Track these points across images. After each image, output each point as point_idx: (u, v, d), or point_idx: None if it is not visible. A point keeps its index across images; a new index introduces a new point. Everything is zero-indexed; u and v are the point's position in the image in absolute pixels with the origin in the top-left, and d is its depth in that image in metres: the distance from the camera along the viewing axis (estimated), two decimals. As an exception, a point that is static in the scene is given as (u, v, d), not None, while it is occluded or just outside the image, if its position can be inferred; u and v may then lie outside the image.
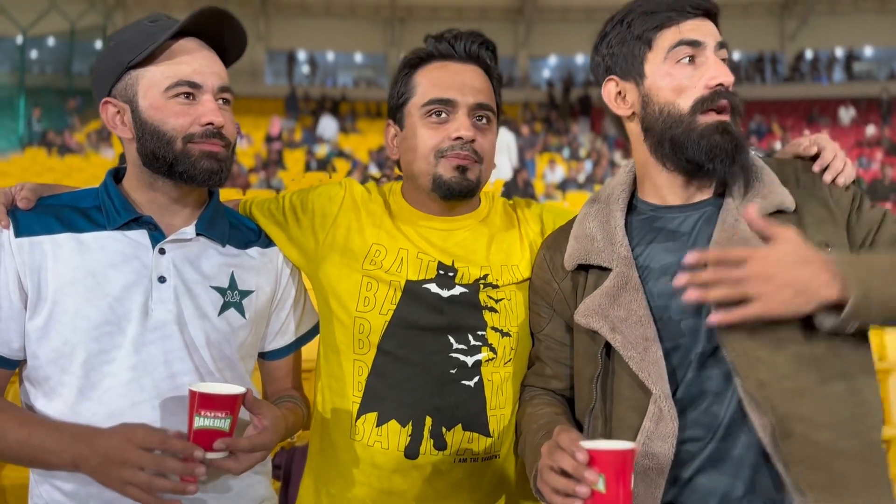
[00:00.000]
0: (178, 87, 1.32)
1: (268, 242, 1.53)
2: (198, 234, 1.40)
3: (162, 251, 1.35)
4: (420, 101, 1.48)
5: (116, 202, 1.36)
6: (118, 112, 1.36)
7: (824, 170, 1.33)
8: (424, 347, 1.45)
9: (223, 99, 1.37)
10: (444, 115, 1.46)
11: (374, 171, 13.04)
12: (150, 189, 1.38)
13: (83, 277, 1.29)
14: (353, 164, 13.16)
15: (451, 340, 1.45)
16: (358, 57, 26.19)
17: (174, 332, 1.33)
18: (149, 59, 1.33)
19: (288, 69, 23.87)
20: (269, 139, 14.63)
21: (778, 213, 1.25)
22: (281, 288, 1.53)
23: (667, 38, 1.29)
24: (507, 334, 1.48)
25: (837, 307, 1.11)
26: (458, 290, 1.46)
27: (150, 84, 1.33)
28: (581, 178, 13.66)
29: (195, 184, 1.35)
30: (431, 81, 1.49)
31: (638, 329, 1.26)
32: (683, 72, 1.28)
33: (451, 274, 1.48)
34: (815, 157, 1.36)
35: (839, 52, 24.55)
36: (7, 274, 1.30)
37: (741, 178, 1.29)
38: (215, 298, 1.39)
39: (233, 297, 1.41)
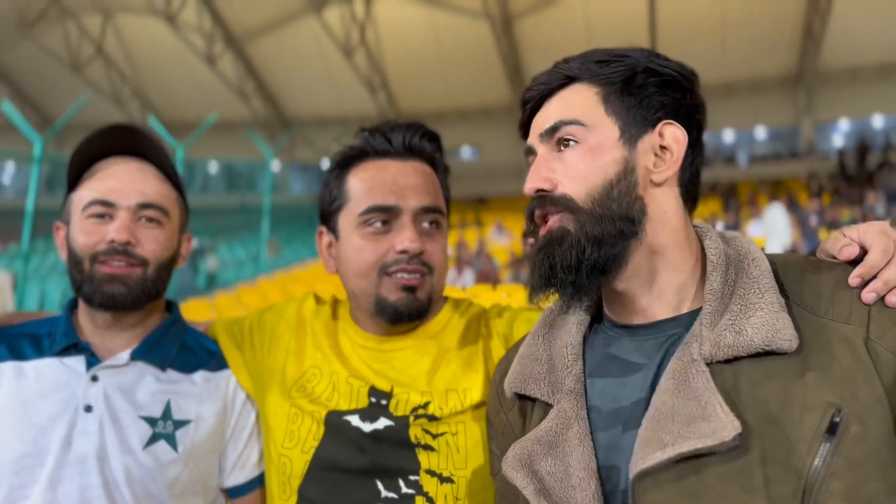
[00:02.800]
0: (91, 206, 1.31)
1: (218, 366, 1.41)
2: (135, 359, 1.33)
3: (94, 378, 1.30)
4: (356, 208, 1.27)
5: (61, 328, 1.35)
6: (64, 236, 1.37)
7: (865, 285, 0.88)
8: (350, 495, 1.19)
9: (147, 217, 1.32)
10: (385, 223, 1.25)
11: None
12: (89, 314, 1.36)
13: (14, 407, 1.27)
14: None
15: (380, 487, 1.18)
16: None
17: (93, 467, 1.25)
18: (80, 182, 1.34)
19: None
20: (525, 235, 14.99)
21: (763, 356, 0.86)
22: (234, 416, 1.39)
23: None
24: (449, 479, 1.17)
25: None
26: (382, 424, 1.20)
27: (77, 205, 1.33)
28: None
29: (95, 308, 1.31)
30: (367, 185, 1.27)
31: (575, 495, 0.91)
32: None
33: (383, 402, 1.22)
34: (856, 262, 0.92)
35: None
36: None
37: (719, 293, 0.92)
38: (143, 430, 1.29)
39: (164, 427, 1.30)
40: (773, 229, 10.96)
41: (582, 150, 0.99)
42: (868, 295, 0.88)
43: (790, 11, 20.47)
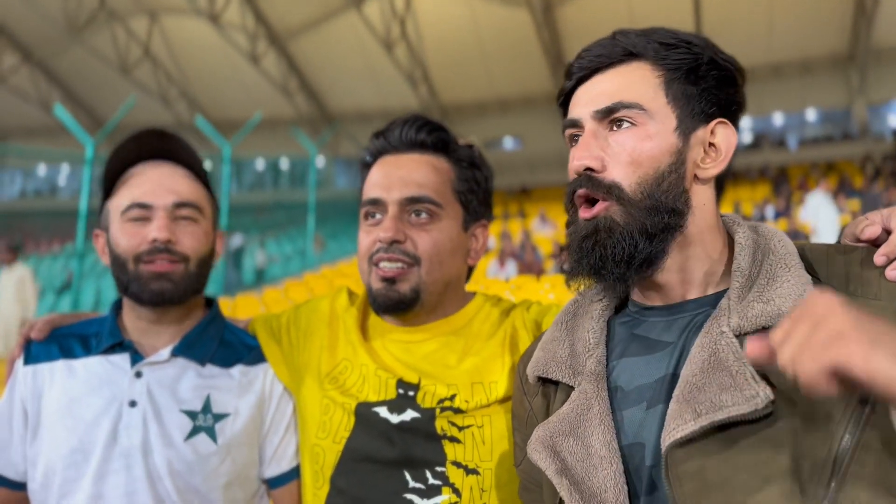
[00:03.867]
0: (129, 210, 1.36)
1: (255, 360, 1.45)
2: (176, 355, 1.38)
3: (138, 374, 1.35)
4: (362, 203, 1.34)
5: (107, 328, 1.41)
6: (104, 242, 1.43)
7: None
8: (378, 485, 1.22)
9: (183, 216, 1.37)
10: (376, 216, 1.30)
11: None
12: (133, 313, 1.41)
13: (66, 403, 1.33)
14: None
15: (408, 478, 1.21)
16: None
17: (137, 460, 1.30)
18: (115, 190, 1.40)
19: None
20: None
21: None
22: (271, 409, 1.43)
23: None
24: (474, 471, 1.19)
25: None
26: (409, 416, 1.22)
27: (115, 211, 1.39)
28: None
29: (144, 305, 1.36)
30: (370, 181, 1.34)
31: (597, 474, 0.92)
32: (571, 154, 1.01)
33: (410, 394, 1.25)
34: (879, 244, 0.93)
35: None
36: (14, 402, 1.38)
37: (747, 270, 0.92)
38: (184, 423, 1.34)
39: (205, 421, 1.35)
40: (817, 217, 10.59)
41: (638, 135, 0.96)
42: (892, 272, 0.88)
43: (841, -11, 19.83)
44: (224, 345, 1.45)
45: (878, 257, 0.90)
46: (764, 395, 0.82)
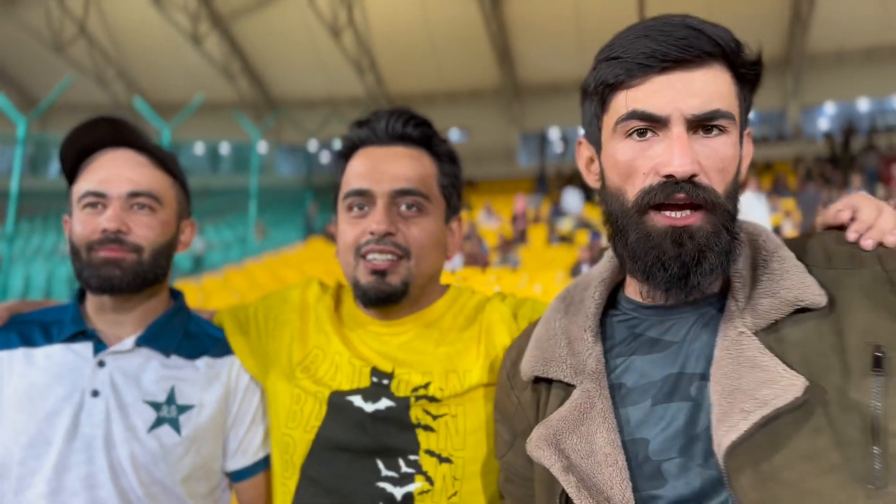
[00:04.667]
0: (84, 198, 1.35)
1: (221, 352, 1.43)
2: (140, 345, 1.36)
3: (101, 364, 1.32)
4: (342, 194, 1.32)
5: (70, 315, 1.37)
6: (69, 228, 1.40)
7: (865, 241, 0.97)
8: (350, 475, 1.23)
9: (138, 204, 1.35)
10: (363, 207, 1.29)
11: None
12: (95, 301, 1.39)
13: (26, 392, 1.30)
14: (592, 235, 12.91)
15: (380, 466, 1.21)
16: (611, 129, 26.10)
17: (99, 452, 1.27)
18: (78, 176, 1.38)
19: (540, 148, 24.56)
20: (514, 218, 15.05)
21: (801, 312, 0.91)
22: (236, 401, 1.42)
23: (618, 102, 0.96)
24: (447, 460, 1.21)
25: None
26: (383, 405, 1.23)
27: (74, 198, 1.37)
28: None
29: (94, 292, 1.34)
30: (353, 171, 1.33)
31: (602, 471, 0.94)
32: (632, 149, 0.95)
33: (385, 382, 1.25)
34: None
35: None
36: None
37: (745, 271, 0.96)
38: (148, 414, 1.32)
39: (168, 412, 1.33)
40: (747, 216, 10.90)
41: (729, 142, 0.95)
42: (866, 242, 0.96)
43: (778, -6, 20.48)
44: (189, 336, 1.43)
45: (851, 234, 0.98)
46: (801, 383, 0.85)
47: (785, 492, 0.84)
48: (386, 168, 1.31)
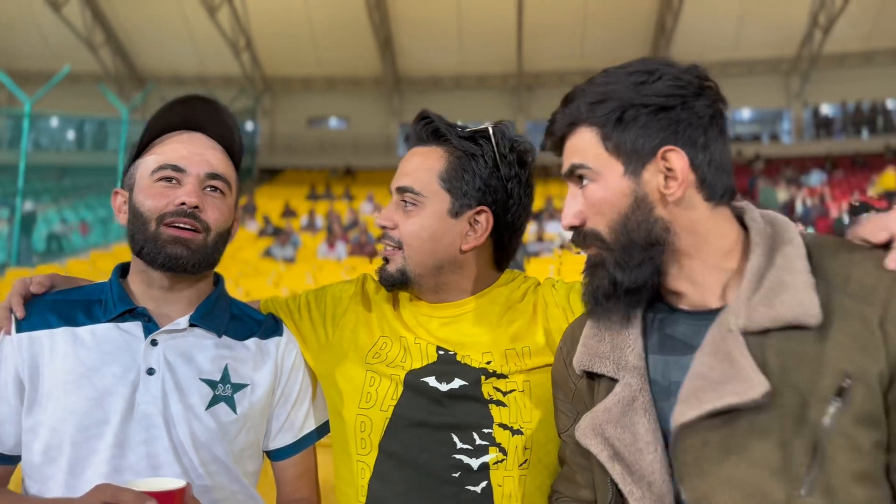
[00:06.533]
0: (161, 170, 1.34)
1: (268, 333, 1.47)
2: (192, 325, 1.37)
3: (154, 343, 1.32)
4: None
5: (115, 294, 1.36)
6: (124, 201, 1.39)
7: None
8: (427, 448, 1.32)
9: (212, 186, 1.37)
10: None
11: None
12: (143, 278, 1.37)
13: (74, 372, 1.28)
14: None
15: (455, 439, 1.31)
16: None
17: (161, 431, 1.28)
18: (148, 150, 1.38)
19: (419, 140, 24.63)
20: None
21: (790, 329, 0.98)
22: (282, 382, 1.46)
23: None
24: (519, 432, 1.32)
25: None
26: (456, 384, 1.34)
27: (144, 170, 1.36)
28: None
29: (159, 269, 1.33)
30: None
31: (643, 457, 1.04)
32: None
33: (451, 359, 1.36)
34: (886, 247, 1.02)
35: None
36: (7, 372, 1.30)
37: (760, 268, 1.04)
38: (205, 392, 1.33)
39: (224, 390, 1.35)
40: None
41: (595, 188, 1.09)
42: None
43: (646, 7, 21.73)
44: (234, 318, 1.45)
45: (891, 262, 0.99)
46: (761, 387, 0.95)
47: (721, 480, 0.96)
48: (401, 166, 1.46)
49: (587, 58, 22.79)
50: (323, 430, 1.52)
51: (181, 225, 1.32)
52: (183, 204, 1.31)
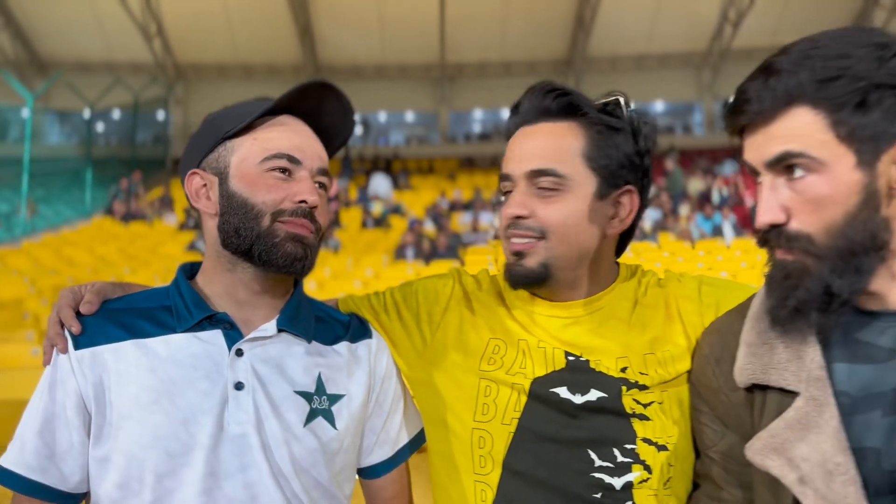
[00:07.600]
0: (275, 159, 1.17)
1: (354, 337, 1.31)
2: (280, 331, 1.21)
3: (239, 352, 1.16)
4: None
5: (188, 299, 1.19)
6: (204, 185, 1.22)
7: None
8: (560, 465, 1.17)
9: (319, 182, 1.22)
10: (511, 191, 1.30)
11: (429, 226, 13.11)
12: (228, 278, 1.21)
13: (153, 391, 1.11)
14: (410, 222, 13.12)
15: (593, 457, 1.17)
16: (409, 116, 26.62)
17: (258, 455, 1.12)
18: (246, 131, 1.20)
19: (341, 131, 24.37)
20: (328, 201, 14.89)
21: None
22: (376, 389, 1.30)
23: None
24: (664, 448, 1.17)
25: None
26: (594, 395, 1.19)
27: (246, 155, 1.19)
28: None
29: (273, 270, 1.17)
30: (505, 156, 1.35)
31: (835, 479, 0.90)
32: None
33: (582, 365, 1.21)
34: None
35: None
36: (66, 396, 1.13)
37: None
38: (301, 406, 1.17)
39: (321, 403, 1.20)
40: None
41: (817, 181, 0.92)
42: None
43: (565, 1, 22.06)
44: (319, 321, 1.29)
45: None
46: None
47: None
48: (523, 148, 1.26)
49: (507, 49, 23.00)
50: (416, 442, 1.38)
51: (300, 223, 1.17)
52: (303, 202, 1.16)
